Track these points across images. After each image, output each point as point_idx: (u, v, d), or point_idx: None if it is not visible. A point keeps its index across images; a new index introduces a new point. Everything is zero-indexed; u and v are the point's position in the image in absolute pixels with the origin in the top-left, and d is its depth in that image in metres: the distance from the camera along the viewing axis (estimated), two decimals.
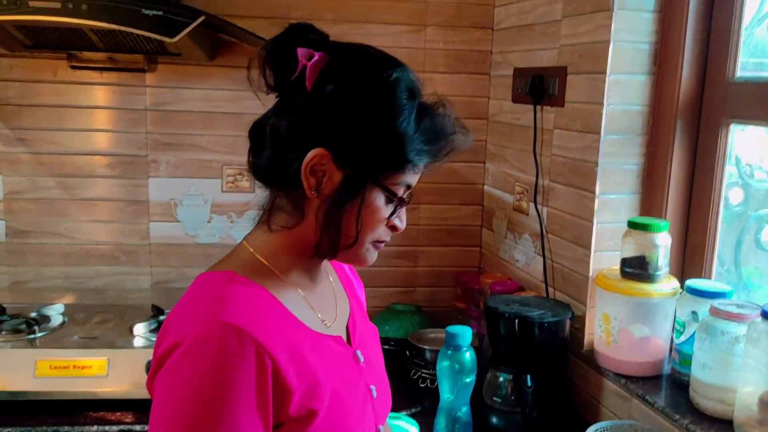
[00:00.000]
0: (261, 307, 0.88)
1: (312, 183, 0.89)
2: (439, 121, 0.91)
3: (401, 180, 0.92)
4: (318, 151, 0.87)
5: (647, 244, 1.56)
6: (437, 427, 1.57)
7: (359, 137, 0.88)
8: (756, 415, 1.27)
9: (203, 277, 0.92)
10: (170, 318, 0.89)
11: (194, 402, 0.79)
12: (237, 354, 0.80)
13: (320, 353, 0.93)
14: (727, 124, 1.57)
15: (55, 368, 1.68)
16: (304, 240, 0.94)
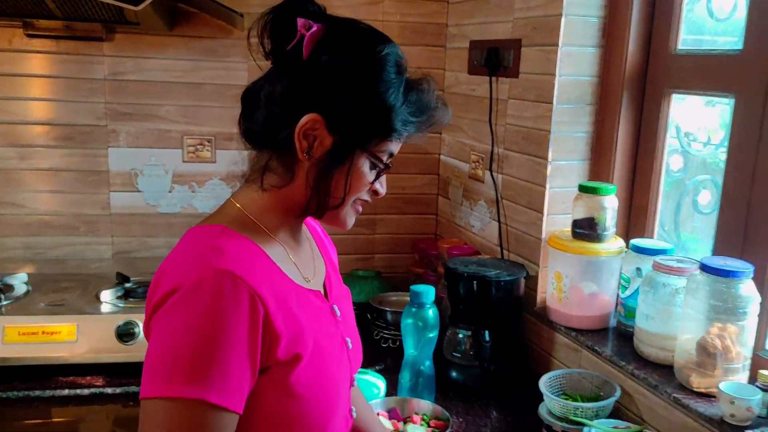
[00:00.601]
0: (251, 258, 0.94)
1: (304, 146, 0.94)
2: (424, 96, 0.98)
3: (386, 148, 0.98)
4: (311, 116, 0.93)
5: (596, 207, 1.67)
6: (402, 381, 1.66)
7: (350, 106, 0.93)
8: (694, 358, 1.40)
9: (194, 231, 0.97)
10: (162, 268, 0.93)
11: (189, 342, 0.84)
12: (231, 298, 0.86)
13: (303, 305, 1.00)
14: (669, 94, 1.69)
15: (24, 334, 1.70)
16: (292, 200, 1.00)
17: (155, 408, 0.84)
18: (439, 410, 1.53)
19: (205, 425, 0.85)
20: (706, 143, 1.80)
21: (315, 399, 0.97)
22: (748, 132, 1.45)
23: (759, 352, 1.44)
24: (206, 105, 2.23)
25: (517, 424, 1.62)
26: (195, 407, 0.83)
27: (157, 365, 0.86)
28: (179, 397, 0.83)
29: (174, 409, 0.83)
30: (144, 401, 0.85)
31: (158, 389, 0.84)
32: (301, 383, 0.94)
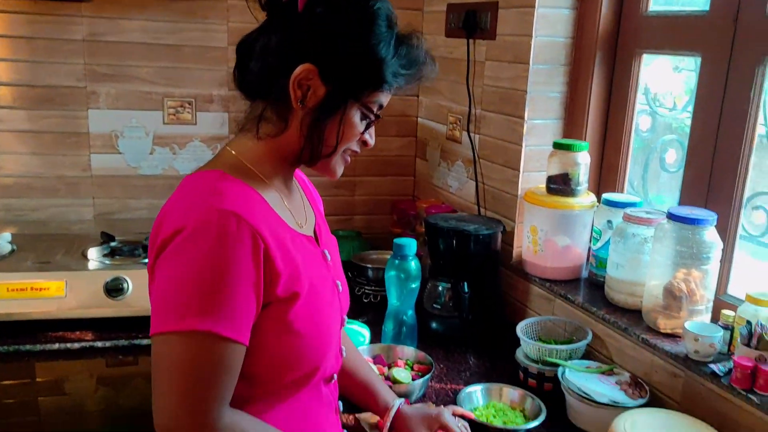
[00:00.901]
0: (251, 201, 0.98)
1: (298, 95, 0.98)
2: (413, 50, 1.03)
3: (376, 99, 1.03)
4: (306, 66, 0.97)
5: (570, 163, 1.75)
6: (385, 330, 1.73)
7: (343, 57, 0.98)
8: (661, 302, 1.49)
9: (193, 177, 1.01)
10: (164, 212, 0.97)
11: (198, 278, 0.89)
12: (236, 237, 0.91)
13: (298, 248, 1.05)
14: (639, 55, 1.76)
15: (13, 290, 1.72)
16: (286, 148, 1.04)
17: (168, 342, 0.89)
18: (422, 355, 1.61)
19: (216, 356, 0.90)
20: (672, 108, 1.88)
21: (311, 336, 1.03)
22: (713, 88, 1.53)
23: (721, 295, 1.54)
24: (186, 67, 2.25)
25: (494, 369, 1.70)
26: (206, 339, 0.89)
27: (168, 302, 0.91)
28: (191, 330, 0.88)
29: (186, 342, 0.88)
30: (156, 337, 0.90)
31: (171, 324, 0.89)
32: (299, 320, 1.00)
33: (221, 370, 0.91)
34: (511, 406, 1.49)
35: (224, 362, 0.91)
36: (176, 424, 0.89)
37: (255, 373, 0.99)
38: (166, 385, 0.89)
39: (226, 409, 0.92)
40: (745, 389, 1.26)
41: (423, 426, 1.26)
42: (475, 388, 1.52)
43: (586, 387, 1.44)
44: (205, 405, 0.90)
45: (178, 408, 0.88)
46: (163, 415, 0.89)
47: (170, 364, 0.89)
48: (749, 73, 1.44)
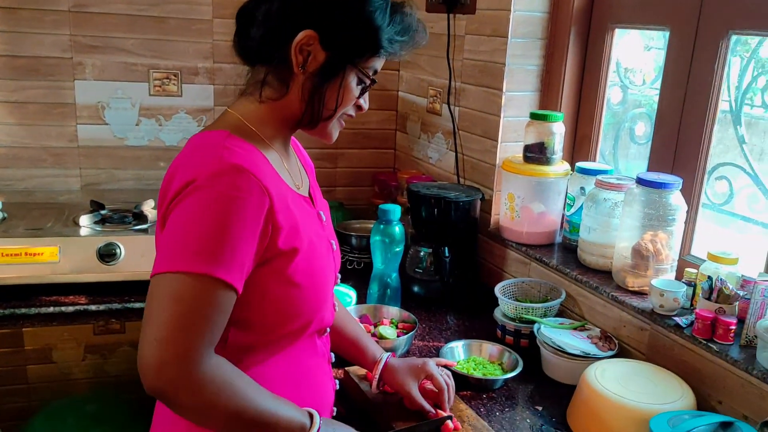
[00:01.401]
0: (256, 159, 1.04)
1: (299, 60, 1.04)
2: (407, 18, 1.09)
3: (372, 64, 1.09)
4: (307, 32, 1.02)
5: (545, 132, 1.84)
6: (371, 291, 1.82)
7: (342, 25, 1.04)
8: (629, 261, 1.59)
9: (200, 136, 1.06)
10: (174, 166, 1.02)
11: (204, 224, 0.94)
12: (244, 189, 0.96)
13: (297, 206, 1.11)
14: (612, 29, 1.84)
15: (7, 255, 1.76)
16: (287, 111, 1.10)
17: (168, 280, 0.93)
18: (406, 314, 1.69)
19: (211, 299, 0.94)
20: (642, 85, 1.98)
21: (309, 288, 1.09)
22: (680, 61, 1.62)
23: (685, 256, 1.65)
24: (171, 39, 2.28)
25: (473, 328, 1.80)
26: (205, 281, 0.93)
27: (172, 245, 0.95)
28: (192, 272, 0.93)
29: (186, 281, 0.93)
30: (154, 277, 0.94)
31: (170, 265, 0.93)
32: (298, 274, 1.07)
33: (213, 312, 0.95)
34: (490, 360, 1.59)
35: (217, 305, 0.95)
36: (162, 356, 0.90)
37: (257, 322, 1.05)
38: (158, 319, 0.92)
39: (211, 351, 0.96)
40: (705, 338, 1.37)
41: (410, 375, 1.35)
42: (456, 343, 1.61)
43: (560, 341, 1.54)
44: (193, 342, 0.92)
45: (167, 341, 0.91)
46: (150, 347, 0.91)
47: (167, 301, 0.92)
48: (713, 46, 1.54)
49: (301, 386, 1.15)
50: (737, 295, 1.38)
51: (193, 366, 0.92)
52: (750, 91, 1.68)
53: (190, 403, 0.94)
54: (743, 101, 1.67)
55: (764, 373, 1.25)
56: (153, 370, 0.90)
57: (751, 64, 1.66)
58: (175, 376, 0.91)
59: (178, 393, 0.92)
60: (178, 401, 0.93)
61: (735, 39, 1.54)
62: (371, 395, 1.38)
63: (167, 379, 0.91)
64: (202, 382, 0.93)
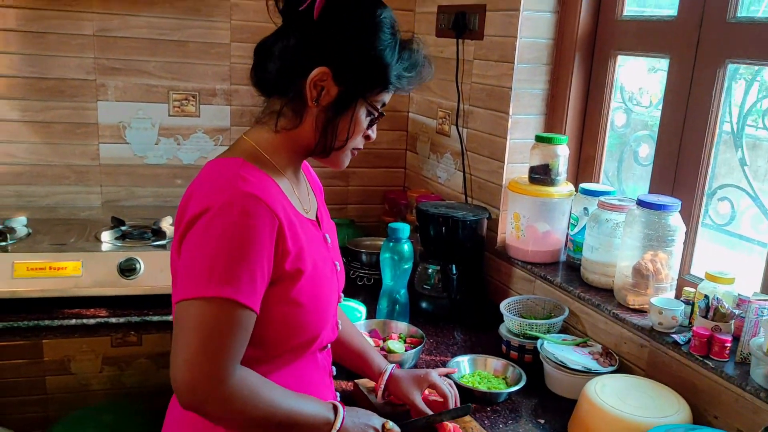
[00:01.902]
0: (268, 186, 1.11)
1: (313, 94, 1.11)
2: (414, 55, 1.16)
3: (381, 98, 1.17)
4: (321, 69, 1.09)
5: (550, 154, 1.90)
6: (380, 307, 1.88)
7: (354, 62, 1.11)
8: (630, 280, 1.65)
9: (216, 162, 1.13)
10: (189, 194, 1.10)
11: (222, 251, 1.01)
12: (256, 216, 1.03)
13: (305, 230, 1.18)
14: (614, 56, 1.91)
15: (32, 270, 1.84)
16: (300, 141, 1.17)
17: (193, 306, 1.01)
18: (414, 329, 1.75)
19: (233, 320, 1.02)
20: (648, 106, 2.04)
21: (312, 308, 1.16)
22: (680, 88, 1.68)
23: (685, 275, 1.70)
24: (191, 62, 2.37)
25: (479, 343, 1.85)
26: (227, 305, 1.01)
27: (194, 272, 1.03)
28: (215, 297, 1.00)
29: (209, 306, 1.01)
30: (180, 303, 1.02)
31: (192, 291, 1.01)
32: (303, 295, 1.13)
33: (236, 332, 1.03)
34: (495, 374, 1.64)
35: (240, 326, 1.03)
36: (193, 377, 0.99)
37: (263, 338, 1.12)
38: (187, 342, 1.00)
39: (237, 366, 1.04)
40: (702, 355, 1.42)
41: (414, 385, 1.41)
42: (462, 358, 1.66)
43: (562, 356, 1.59)
44: (220, 361, 1.01)
45: (197, 363, 1.00)
46: (182, 369, 1.00)
47: (193, 325, 1.01)
48: (711, 74, 1.60)
49: None
50: (733, 314, 1.43)
51: (222, 383, 1.01)
52: (753, 114, 1.73)
53: (223, 414, 1.04)
54: (745, 124, 1.73)
55: (757, 389, 1.30)
56: (186, 390, 1.00)
57: (754, 87, 1.71)
58: (207, 393, 1.01)
59: (211, 408, 1.02)
60: (212, 414, 1.04)
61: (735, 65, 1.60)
62: (379, 406, 1.44)
63: (200, 397, 1.01)
64: (232, 396, 1.02)
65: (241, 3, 2.36)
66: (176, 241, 1.10)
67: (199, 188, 1.10)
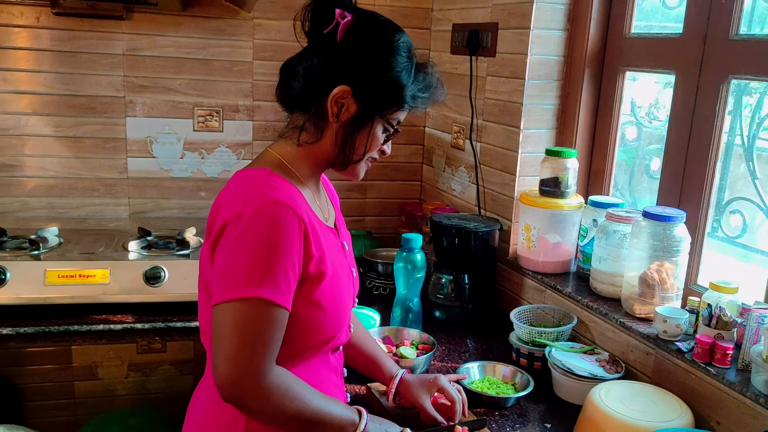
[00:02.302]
0: (294, 194, 1.18)
1: (334, 111, 1.19)
2: (428, 77, 1.24)
3: (396, 116, 1.25)
4: (342, 87, 1.17)
5: (560, 168, 1.95)
6: (394, 315, 1.94)
7: (373, 82, 1.19)
8: (637, 290, 1.69)
9: (245, 173, 1.21)
10: (220, 200, 1.17)
11: (256, 255, 1.09)
12: (286, 222, 1.11)
13: (325, 237, 1.25)
14: (623, 72, 1.97)
15: (63, 277, 1.94)
16: (321, 154, 1.25)
17: (233, 308, 1.09)
18: (426, 336, 1.81)
19: (270, 319, 1.10)
20: (665, 120, 2.07)
21: (332, 310, 1.23)
22: (686, 103, 1.73)
23: (692, 285, 1.74)
24: (215, 79, 2.47)
25: (490, 350, 1.90)
26: (264, 305, 1.09)
27: (230, 275, 1.10)
28: (253, 297, 1.08)
29: (248, 307, 1.08)
30: (216, 306, 1.10)
31: (229, 294, 1.09)
32: (324, 297, 1.21)
33: (273, 330, 1.11)
34: (504, 380, 1.69)
35: (276, 324, 1.11)
36: (235, 372, 1.08)
37: (285, 337, 1.19)
38: (228, 341, 1.08)
39: (273, 362, 1.13)
40: (704, 362, 1.46)
41: (423, 389, 1.46)
42: (472, 364, 1.71)
43: (570, 364, 1.64)
44: (260, 357, 1.09)
45: (239, 359, 1.08)
46: (225, 365, 1.07)
47: (233, 325, 1.08)
48: (715, 90, 1.65)
49: None
50: (735, 322, 1.47)
51: (260, 378, 1.10)
52: (766, 129, 1.75)
53: (260, 408, 1.12)
54: (756, 137, 1.76)
55: (757, 395, 1.34)
56: (227, 385, 1.09)
57: (765, 100, 1.75)
58: (246, 388, 1.09)
59: (250, 401, 1.11)
60: (250, 407, 1.12)
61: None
62: (390, 409, 1.50)
63: (240, 392, 1.09)
64: (269, 391, 1.11)
65: (264, 23, 2.45)
66: (208, 246, 1.17)
67: (229, 196, 1.17)
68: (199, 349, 2.13)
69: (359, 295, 2.14)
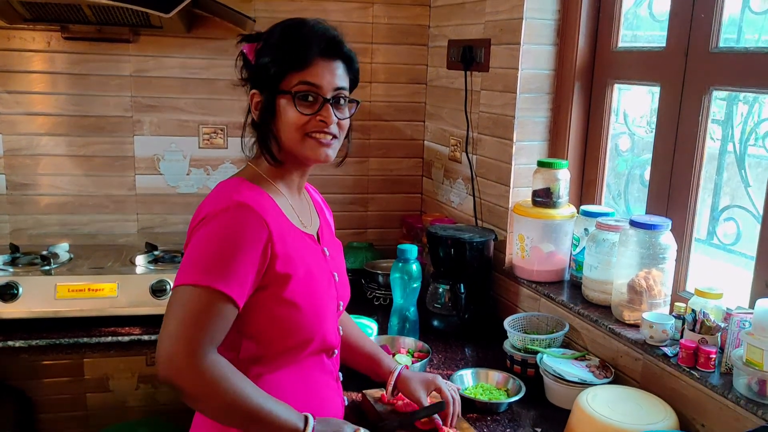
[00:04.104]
0: (261, 199, 1.26)
1: (255, 114, 1.31)
2: (295, 31, 1.28)
3: (298, 81, 1.25)
4: (252, 92, 1.31)
5: (552, 179, 2.01)
6: (391, 324, 1.99)
7: (258, 69, 1.29)
8: (626, 297, 1.73)
9: (222, 183, 1.30)
10: (200, 207, 1.26)
11: (213, 247, 1.17)
12: (247, 221, 1.19)
13: (297, 240, 1.31)
14: (612, 84, 2.02)
15: (73, 291, 2.02)
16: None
17: (184, 292, 1.15)
18: (421, 345, 1.86)
19: (214, 308, 1.15)
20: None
21: (307, 308, 1.28)
22: (670, 114, 1.78)
23: (680, 291, 1.78)
24: (219, 98, 2.55)
25: (486, 358, 1.95)
26: (212, 294, 1.15)
27: (186, 264, 1.18)
28: (195, 284, 1.14)
29: (197, 293, 1.14)
30: (174, 289, 1.17)
31: (184, 279, 1.16)
32: (295, 294, 1.26)
33: (213, 317, 1.15)
34: (497, 386, 1.74)
35: (217, 312, 1.16)
36: (174, 350, 1.12)
37: (263, 336, 1.26)
38: (173, 319, 1.14)
39: (213, 349, 1.16)
40: (689, 366, 1.50)
41: (420, 386, 1.53)
42: (465, 371, 1.76)
43: (561, 369, 1.68)
44: (196, 339, 1.13)
45: (177, 337, 1.13)
46: (164, 341, 1.13)
47: (181, 306, 1.14)
48: (697, 101, 1.69)
49: (310, 399, 1.33)
50: (718, 327, 1.51)
51: (196, 358, 1.13)
52: (758, 137, 1.79)
53: (192, 390, 1.13)
54: (747, 145, 1.80)
55: (739, 398, 1.37)
56: (165, 361, 1.13)
57: (755, 109, 1.79)
58: (181, 365, 1.12)
59: (183, 380, 1.13)
60: (184, 388, 1.13)
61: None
62: (385, 414, 1.55)
63: (175, 369, 1.12)
64: (202, 372, 1.13)
65: None
66: (185, 244, 1.26)
67: (205, 202, 1.26)
68: None
69: (361, 305, 2.20)
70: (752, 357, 1.35)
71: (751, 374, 1.36)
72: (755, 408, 1.34)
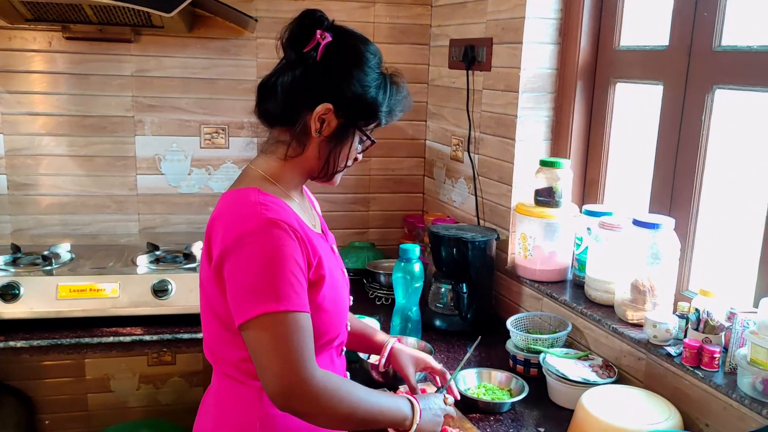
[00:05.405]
0: (284, 209, 1.24)
1: (317, 126, 1.25)
2: (401, 90, 1.31)
3: (371, 128, 1.31)
4: (326, 105, 1.24)
5: (553, 178, 2.00)
6: (393, 324, 1.99)
7: (353, 100, 1.25)
8: (628, 296, 1.73)
9: (234, 193, 1.26)
10: (213, 220, 1.23)
11: (266, 270, 1.15)
12: (283, 237, 1.17)
13: (317, 243, 1.31)
14: (614, 83, 2.01)
15: (74, 291, 2.01)
16: (304, 167, 1.31)
17: (261, 326, 1.14)
18: (423, 344, 1.86)
19: (293, 328, 1.15)
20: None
21: (333, 311, 1.29)
22: (673, 112, 1.77)
23: (684, 291, 1.77)
24: (220, 98, 2.55)
25: (489, 357, 1.94)
26: (286, 317, 1.15)
27: (245, 295, 1.16)
28: (269, 312, 1.14)
29: (275, 321, 1.14)
30: (243, 325, 1.15)
31: (257, 310, 1.14)
32: (326, 299, 1.27)
33: (301, 337, 1.16)
34: (500, 386, 1.73)
35: (301, 330, 1.17)
36: (287, 382, 1.13)
37: None
38: (267, 358, 1.14)
39: (315, 365, 1.18)
40: (693, 366, 1.49)
41: (410, 361, 1.57)
42: (469, 371, 1.76)
43: (564, 369, 1.67)
44: (299, 367, 1.15)
45: (284, 372, 1.14)
46: (274, 381, 1.14)
47: (270, 340, 1.14)
48: (700, 99, 1.69)
49: None
50: (722, 326, 1.50)
51: (309, 384, 1.15)
52: None
53: (314, 411, 1.18)
54: None
55: (743, 397, 1.37)
56: (281, 398, 1.15)
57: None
58: (297, 397, 1.15)
59: (303, 408, 1.17)
60: (306, 413, 1.18)
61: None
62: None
63: (294, 402, 1.16)
64: (318, 393, 1.16)
65: (267, 42, 2.53)
66: (209, 264, 1.22)
67: (223, 218, 1.22)
68: (207, 362, 2.19)
69: (363, 305, 2.20)
70: (756, 356, 1.35)
71: (755, 373, 1.36)
72: (759, 407, 1.33)
